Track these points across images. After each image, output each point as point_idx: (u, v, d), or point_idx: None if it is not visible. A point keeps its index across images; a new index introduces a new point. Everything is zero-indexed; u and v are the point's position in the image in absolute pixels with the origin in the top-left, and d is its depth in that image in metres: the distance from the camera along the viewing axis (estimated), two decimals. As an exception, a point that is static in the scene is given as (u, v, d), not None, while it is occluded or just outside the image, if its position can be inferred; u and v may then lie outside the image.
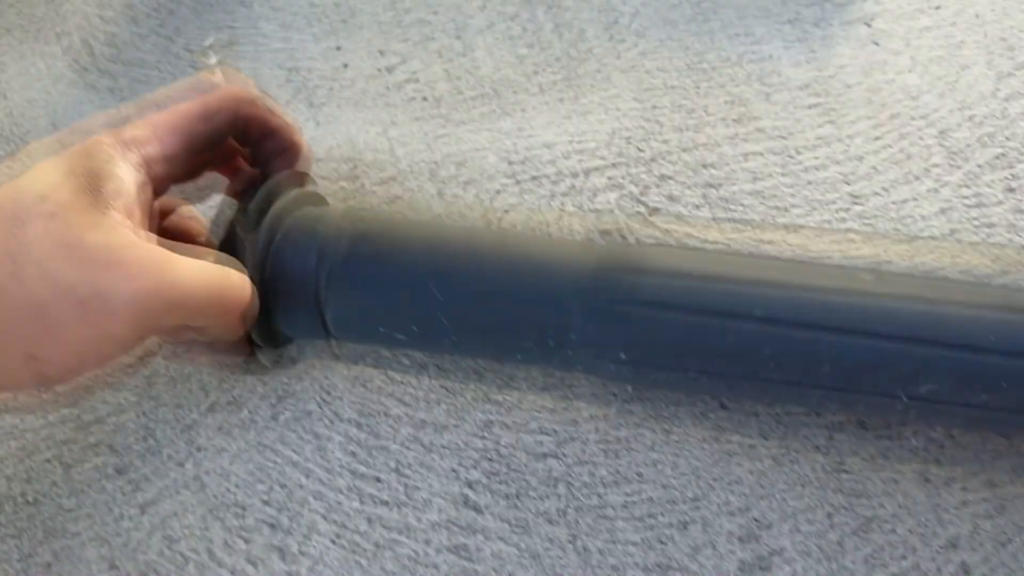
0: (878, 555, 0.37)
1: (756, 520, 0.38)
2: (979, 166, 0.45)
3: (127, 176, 0.33)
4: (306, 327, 0.39)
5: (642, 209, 0.45)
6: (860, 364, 0.33)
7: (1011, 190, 0.44)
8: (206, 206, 0.45)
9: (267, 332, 0.40)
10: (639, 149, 0.48)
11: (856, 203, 0.44)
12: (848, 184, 0.45)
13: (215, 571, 0.40)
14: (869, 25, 0.50)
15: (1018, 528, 0.37)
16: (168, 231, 0.40)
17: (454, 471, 0.41)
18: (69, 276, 0.30)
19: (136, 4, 0.61)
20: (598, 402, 0.41)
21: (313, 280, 0.37)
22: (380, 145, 0.51)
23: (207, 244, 0.40)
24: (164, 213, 0.40)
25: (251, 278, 0.37)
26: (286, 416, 0.43)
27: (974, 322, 0.33)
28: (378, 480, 0.41)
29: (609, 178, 0.47)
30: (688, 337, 0.34)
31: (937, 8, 0.51)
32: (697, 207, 0.46)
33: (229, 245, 0.39)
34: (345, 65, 0.55)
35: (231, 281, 0.35)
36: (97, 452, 0.44)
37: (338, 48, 0.56)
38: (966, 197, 0.44)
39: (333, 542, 0.40)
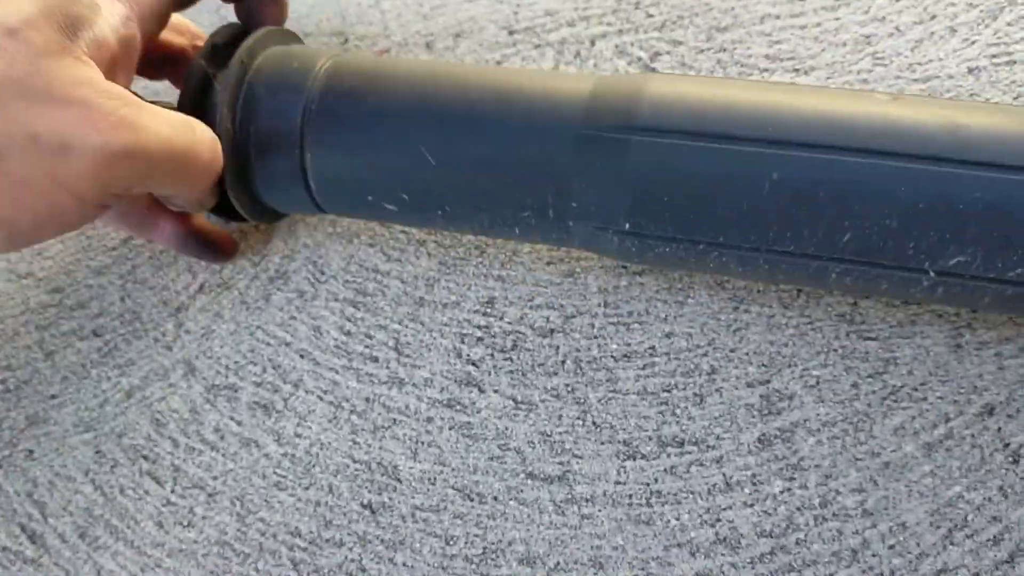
0: (909, 424, 0.34)
1: (777, 391, 0.35)
2: (1008, 23, 0.41)
3: (110, 26, 0.30)
4: (288, 186, 0.35)
5: (644, 56, 0.42)
6: (894, 192, 0.30)
7: (1046, 46, 0.40)
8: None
9: (249, 201, 0.36)
10: (648, 14, 0.45)
11: (879, 64, 0.41)
12: (870, 44, 0.42)
13: (208, 455, 0.38)
14: None
15: (1056, 393, 0.34)
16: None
17: (456, 348, 0.38)
18: (32, 120, 0.27)
19: None
20: (607, 274, 0.39)
21: (291, 125, 0.34)
22: (372, 17, 0.47)
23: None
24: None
25: (224, 128, 0.33)
26: (278, 297, 0.41)
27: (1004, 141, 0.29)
28: (376, 360, 0.38)
29: (617, 45, 0.44)
30: (692, 171, 0.31)
31: None
32: (711, 72, 0.42)
33: (196, 97, 0.35)
34: (333, -64, 0.51)
35: (197, 135, 0.32)
36: (80, 336, 0.41)
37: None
38: (995, 56, 0.41)
39: (331, 422, 0.37)
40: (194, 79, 0.34)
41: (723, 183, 0.31)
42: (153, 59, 0.37)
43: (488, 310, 0.39)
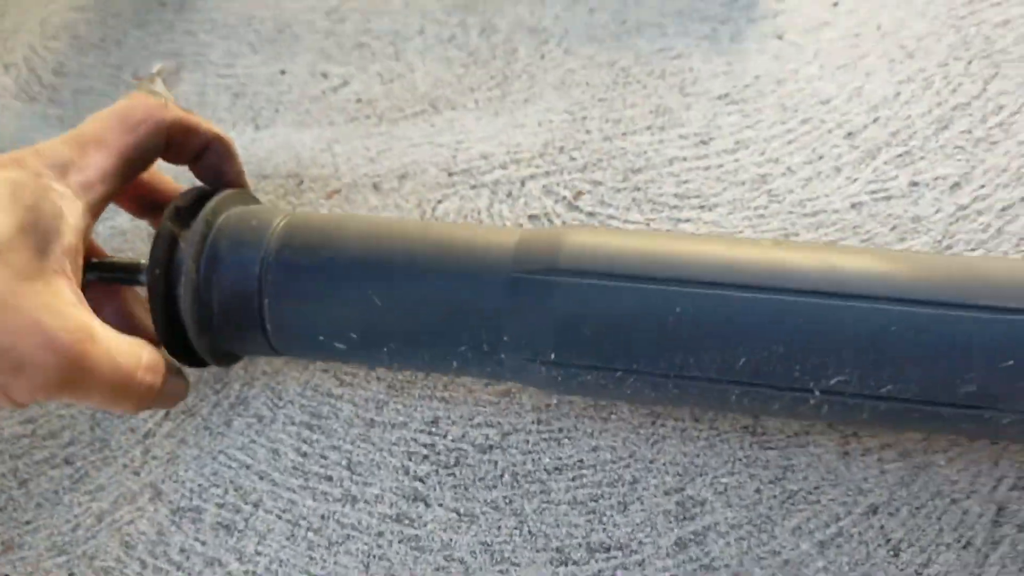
0: (805, 525, 0.38)
1: (691, 498, 0.39)
2: (885, 163, 0.47)
3: (72, 226, 0.33)
4: (247, 332, 0.38)
5: (568, 195, 0.47)
6: (781, 324, 0.34)
7: (914, 184, 0.46)
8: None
9: (210, 347, 0.39)
10: (571, 157, 0.50)
11: (774, 201, 0.46)
12: (766, 183, 0.47)
13: (163, 554, 0.40)
14: (780, 38, 0.53)
15: (930, 493, 0.38)
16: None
17: (404, 466, 0.41)
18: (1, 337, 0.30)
19: (83, 34, 0.61)
20: (540, 394, 0.42)
21: (250, 277, 0.37)
22: (324, 160, 0.51)
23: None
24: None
25: (189, 279, 0.37)
26: (239, 422, 0.44)
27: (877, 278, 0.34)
28: (330, 479, 0.42)
29: (544, 185, 0.49)
30: (607, 308, 0.35)
31: (841, 20, 0.53)
32: (627, 209, 0.47)
33: (165, 254, 0.38)
34: (289, 87, 0.56)
35: (143, 362, 0.34)
36: (53, 464, 0.43)
37: (282, 72, 0.56)
38: (874, 192, 0.46)
39: (289, 539, 0.40)
40: (162, 238, 0.37)
41: (635, 317, 0.35)
42: (142, 202, 0.41)
43: (433, 429, 0.42)
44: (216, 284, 0.37)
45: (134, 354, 0.34)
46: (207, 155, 0.40)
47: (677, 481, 0.40)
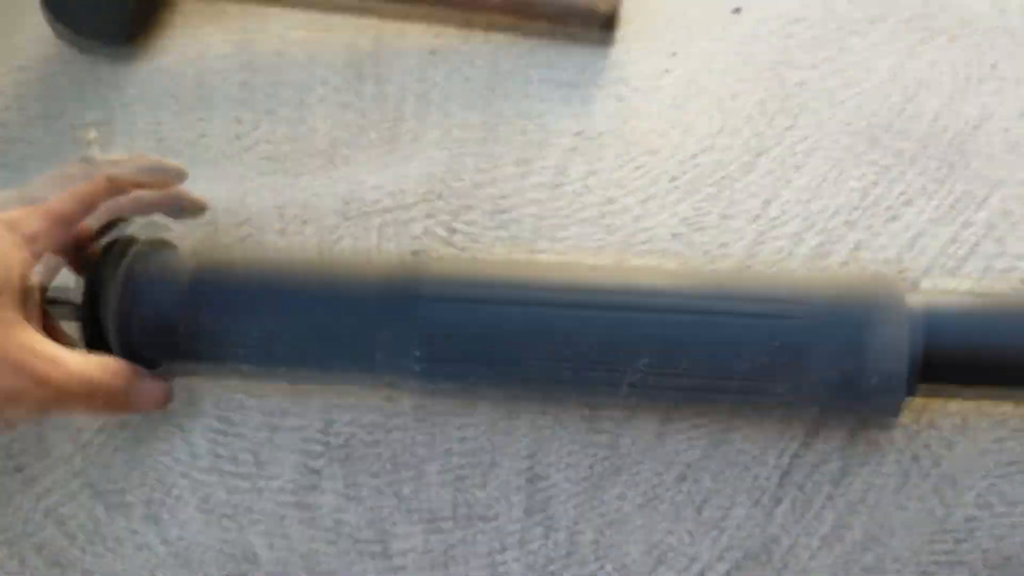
0: (627, 492, 0.47)
1: (538, 473, 0.48)
2: (702, 199, 0.57)
3: (26, 274, 0.41)
4: (167, 352, 0.47)
5: (444, 233, 0.56)
6: (592, 332, 0.43)
7: (724, 216, 0.56)
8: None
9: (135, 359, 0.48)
10: (448, 201, 0.59)
11: (611, 233, 0.56)
12: (605, 218, 0.57)
13: (100, 541, 0.47)
14: (620, 98, 0.63)
15: (727, 462, 0.47)
16: None
17: (302, 460, 0.49)
18: None
19: (24, 93, 0.69)
20: (416, 395, 0.51)
21: (167, 306, 0.45)
22: (234, 197, 0.60)
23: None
24: None
25: (112, 311, 0.45)
26: (163, 430, 0.51)
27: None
28: (240, 474, 0.49)
29: (424, 226, 0.58)
30: (461, 323, 0.44)
31: (672, 73, 0.63)
32: (492, 241, 0.56)
33: (91, 294, 0.46)
34: (207, 146, 0.64)
35: (108, 370, 0.42)
36: (4, 472, 0.51)
37: (200, 120, 0.65)
38: (692, 223, 0.56)
39: (205, 525, 0.48)
40: (90, 280, 0.46)
41: (484, 330, 0.44)
42: (68, 248, 0.49)
43: (328, 429, 0.50)
44: (136, 316, 0.45)
45: (94, 366, 0.42)
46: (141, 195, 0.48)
47: (527, 460, 0.48)
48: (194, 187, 0.60)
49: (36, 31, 0.73)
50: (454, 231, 0.57)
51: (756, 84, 0.62)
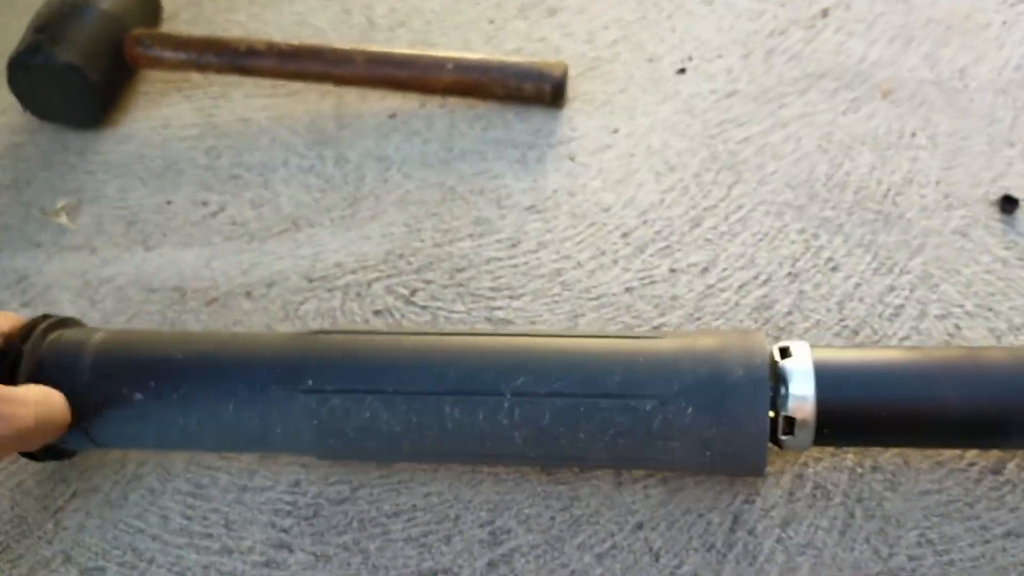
0: (587, 542, 0.48)
1: (500, 527, 0.49)
2: (651, 255, 0.59)
3: None
4: (72, 433, 0.47)
5: (405, 292, 0.57)
6: (473, 366, 0.45)
7: (673, 270, 0.58)
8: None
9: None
10: (408, 262, 0.60)
11: (566, 290, 0.57)
12: (560, 276, 0.58)
13: (77, 614, 0.48)
14: (573, 159, 0.65)
15: (682, 510, 0.49)
16: None
17: (271, 521, 0.50)
18: None
19: (-6, 176, 0.70)
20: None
21: (74, 382, 0.47)
22: (204, 274, 0.61)
23: None
24: None
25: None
26: (134, 495, 0.52)
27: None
28: (210, 535, 0.50)
29: (386, 285, 0.59)
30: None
31: (620, 143, 0.66)
32: (452, 300, 0.58)
33: (9, 370, 0.47)
34: (174, 214, 0.65)
35: (51, 401, 0.44)
36: (-27, 543, 0.51)
37: (168, 202, 0.66)
38: (643, 278, 0.58)
39: (170, 572, 0.48)
40: (8, 354, 0.47)
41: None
42: None
43: (295, 489, 0.51)
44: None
45: (44, 393, 0.45)
46: None
47: (489, 515, 0.49)
48: (166, 265, 0.61)
49: (4, 103, 0.74)
50: (415, 291, 0.59)
51: (698, 145, 0.65)
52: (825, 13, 0.72)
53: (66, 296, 0.61)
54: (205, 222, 0.65)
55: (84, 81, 0.68)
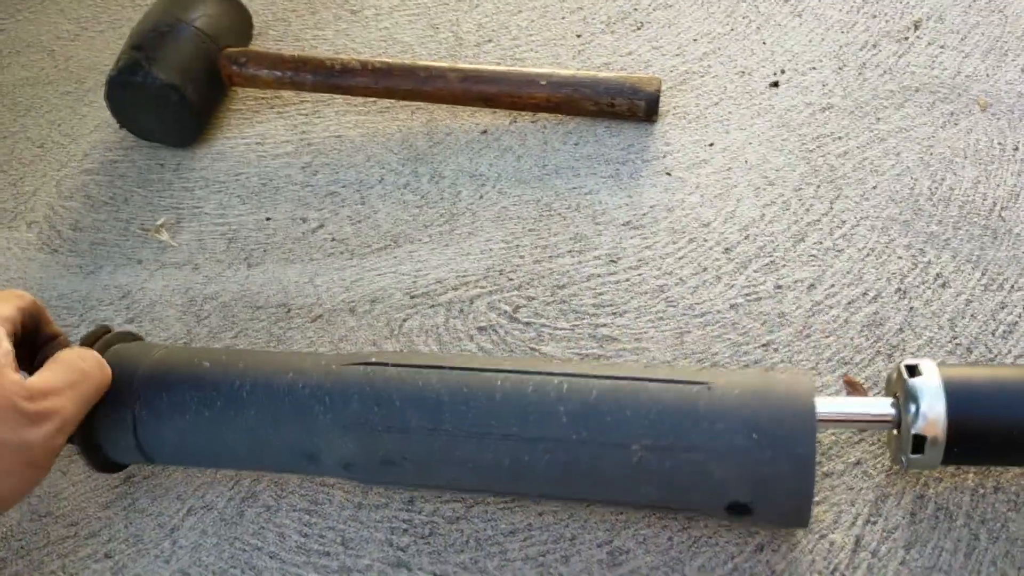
0: (707, 563, 0.47)
1: (618, 548, 0.48)
2: (755, 271, 0.58)
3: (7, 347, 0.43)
4: (124, 448, 0.48)
5: (508, 309, 0.57)
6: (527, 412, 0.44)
7: (779, 287, 0.56)
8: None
9: (97, 459, 0.49)
10: (509, 278, 0.59)
11: (670, 306, 0.56)
12: (663, 292, 0.57)
13: (208, 634, 0.47)
14: (669, 174, 0.64)
15: (804, 532, 0.47)
16: None
17: (388, 539, 0.49)
18: (9, 435, 0.40)
19: (94, 194, 0.70)
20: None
21: (126, 400, 0.47)
22: (308, 291, 0.60)
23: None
24: None
25: None
26: (250, 512, 0.51)
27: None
28: (328, 554, 0.49)
29: (488, 302, 0.58)
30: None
31: (716, 158, 0.64)
32: (556, 317, 0.57)
33: None
34: (274, 231, 0.65)
35: (86, 366, 0.45)
36: (95, 559, 0.51)
37: (268, 219, 0.66)
38: (748, 294, 0.56)
39: (297, 606, 0.48)
40: None
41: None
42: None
43: (410, 507, 0.51)
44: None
45: (72, 367, 0.44)
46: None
47: (607, 535, 0.48)
48: (270, 282, 0.61)
49: (99, 120, 0.75)
50: (518, 307, 0.58)
51: (797, 160, 0.63)
52: (917, 25, 0.71)
53: (172, 312, 0.61)
54: (305, 239, 0.64)
55: (182, 100, 0.68)
